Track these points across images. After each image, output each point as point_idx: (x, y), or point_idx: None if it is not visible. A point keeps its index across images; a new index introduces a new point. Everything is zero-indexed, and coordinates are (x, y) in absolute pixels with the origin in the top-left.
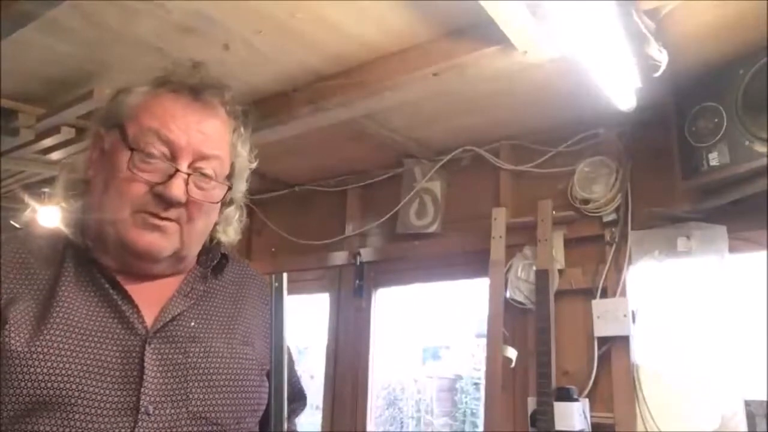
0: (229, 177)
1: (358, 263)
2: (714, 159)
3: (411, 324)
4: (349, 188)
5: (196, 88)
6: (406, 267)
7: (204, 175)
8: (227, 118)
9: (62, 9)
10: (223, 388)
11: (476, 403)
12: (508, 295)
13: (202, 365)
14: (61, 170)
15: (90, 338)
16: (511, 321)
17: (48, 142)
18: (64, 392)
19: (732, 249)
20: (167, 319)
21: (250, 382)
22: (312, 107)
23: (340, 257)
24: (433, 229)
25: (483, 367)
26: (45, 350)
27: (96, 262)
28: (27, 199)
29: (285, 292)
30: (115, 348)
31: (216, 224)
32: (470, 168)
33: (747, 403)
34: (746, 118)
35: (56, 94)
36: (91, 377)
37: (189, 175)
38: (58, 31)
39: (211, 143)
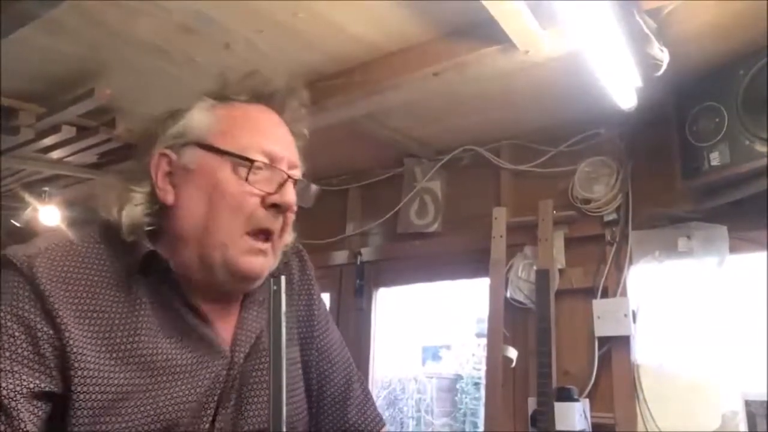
0: None
1: (358, 263)
2: (715, 159)
3: (411, 324)
4: (349, 188)
5: (265, 96)
6: (407, 266)
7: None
8: (292, 126)
9: (63, 9)
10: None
11: (476, 403)
12: (508, 294)
13: (257, 380)
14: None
15: (184, 378)
16: (512, 321)
17: (48, 140)
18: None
19: (732, 249)
20: (251, 340)
21: (300, 387)
22: (312, 107)
23: (340, 257)
24: (433, 228)
25: (483, 367)
26: (139, 396)
27: (175, 286)
28: (27, 197)
29: (283, 295)
30: (206, 379)
31: None
32: (471, 167)
33: (747, 403)
34: (747, 117)
35: (56, 93)
36: (183, 417)
37: (295, 181)
38: (59, 30)
39: (294, 152)
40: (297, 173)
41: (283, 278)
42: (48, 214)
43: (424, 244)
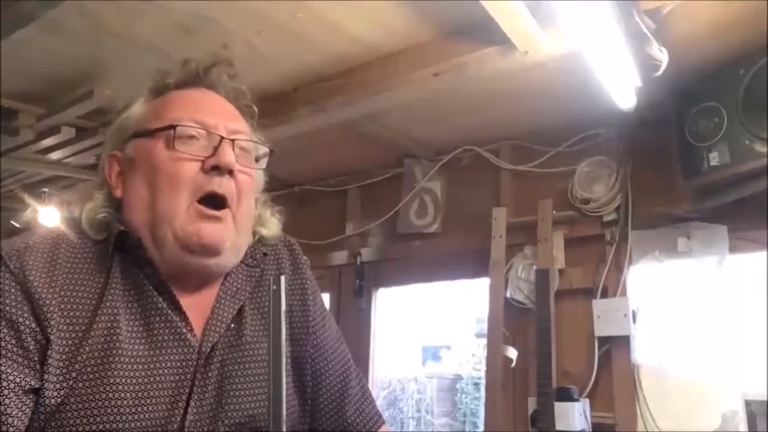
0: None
1: (358, 263)
2: (714, 159)
3: (411, 324)
4: (349, 188)
5: (196, 78)
6: (407, 267)
7: (242, 148)
8: (234, 102)
9: (62, 9)
10: (261, 396)
11: (476, 403)
12: (508, 294)
13: (239, 373)
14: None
15: (144, 363)
16: (512, 321)
17: (48, 141)
18: (114, 426)
19: (732, 249)
20: (221, 330)
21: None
22: (312, 107)
23: (340, 257)
24: (433, 229)
25: (483, 367)
26: (94, 382)
27: (145, 269)
28: (27, 198)
29: (283, 295)
30: (169, 368)
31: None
32: (471, 168)
33: (747, 403)
34: (746, 117)
35: (56, 94)
36: (145, 405)
37: (233, 140)
38: (59, 31)
39: (235, 120)
40: (240, 137)
41: (283, 278)
42: (48, 215)
43: (424, 245)
